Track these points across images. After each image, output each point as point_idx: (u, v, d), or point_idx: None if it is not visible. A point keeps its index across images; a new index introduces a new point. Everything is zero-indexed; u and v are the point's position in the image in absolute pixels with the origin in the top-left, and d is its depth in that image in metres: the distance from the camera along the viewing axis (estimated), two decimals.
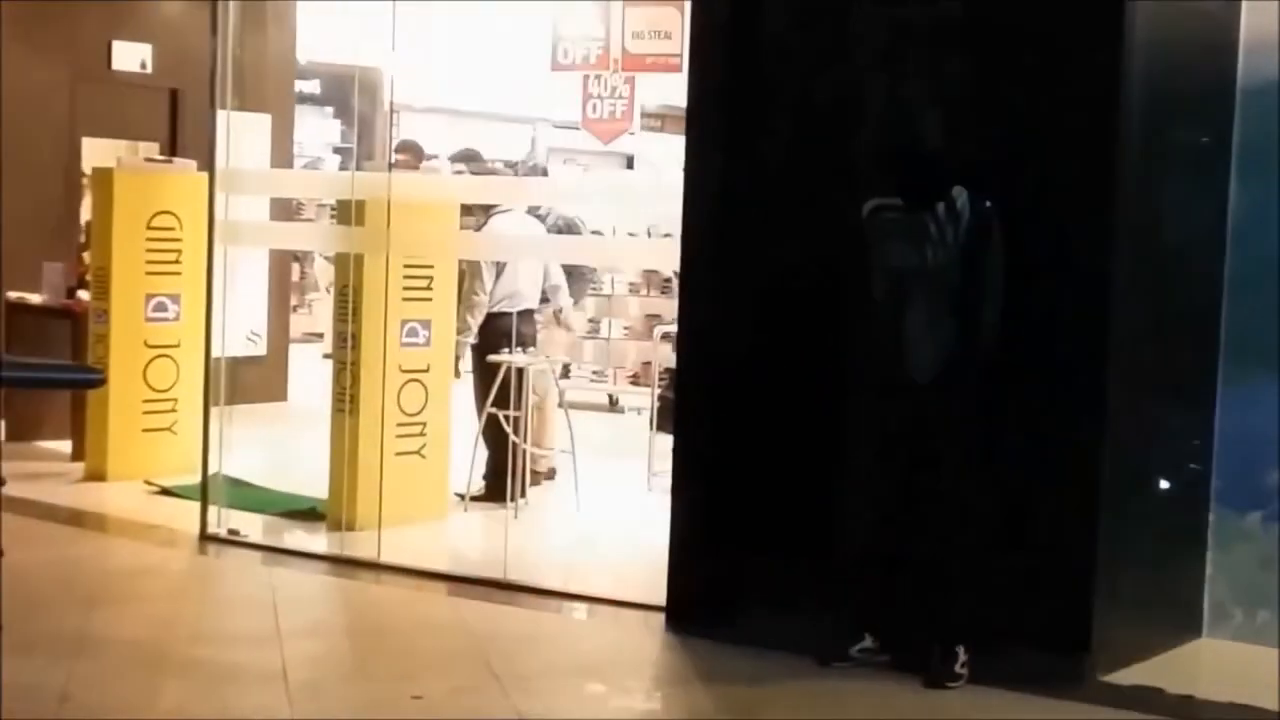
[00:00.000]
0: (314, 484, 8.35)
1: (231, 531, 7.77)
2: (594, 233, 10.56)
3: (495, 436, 8.67)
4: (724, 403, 6.41)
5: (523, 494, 8.61)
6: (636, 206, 9.89)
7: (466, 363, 9.03)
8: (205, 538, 7.72)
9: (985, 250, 5.65)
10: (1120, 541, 5.79)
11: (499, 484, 8.57)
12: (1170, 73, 6.02)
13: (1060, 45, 5.77)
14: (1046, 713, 5.45)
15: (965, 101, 5.86)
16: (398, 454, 7.96)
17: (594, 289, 12.34)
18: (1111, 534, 5.73)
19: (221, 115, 7.98)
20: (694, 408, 6.54)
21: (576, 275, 9.88)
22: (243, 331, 10.67)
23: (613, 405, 12.63)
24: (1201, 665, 6.14)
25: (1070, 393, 5.73)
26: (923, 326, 5.70)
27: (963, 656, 5.64)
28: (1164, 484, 6.19)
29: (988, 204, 5.67)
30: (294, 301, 14.09)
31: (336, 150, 16.73)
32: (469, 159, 10.02)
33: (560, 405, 9.25)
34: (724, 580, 6.34)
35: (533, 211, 9.38)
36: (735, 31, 6.37)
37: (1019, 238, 5.65)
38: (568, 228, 9.56)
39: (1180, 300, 6.24)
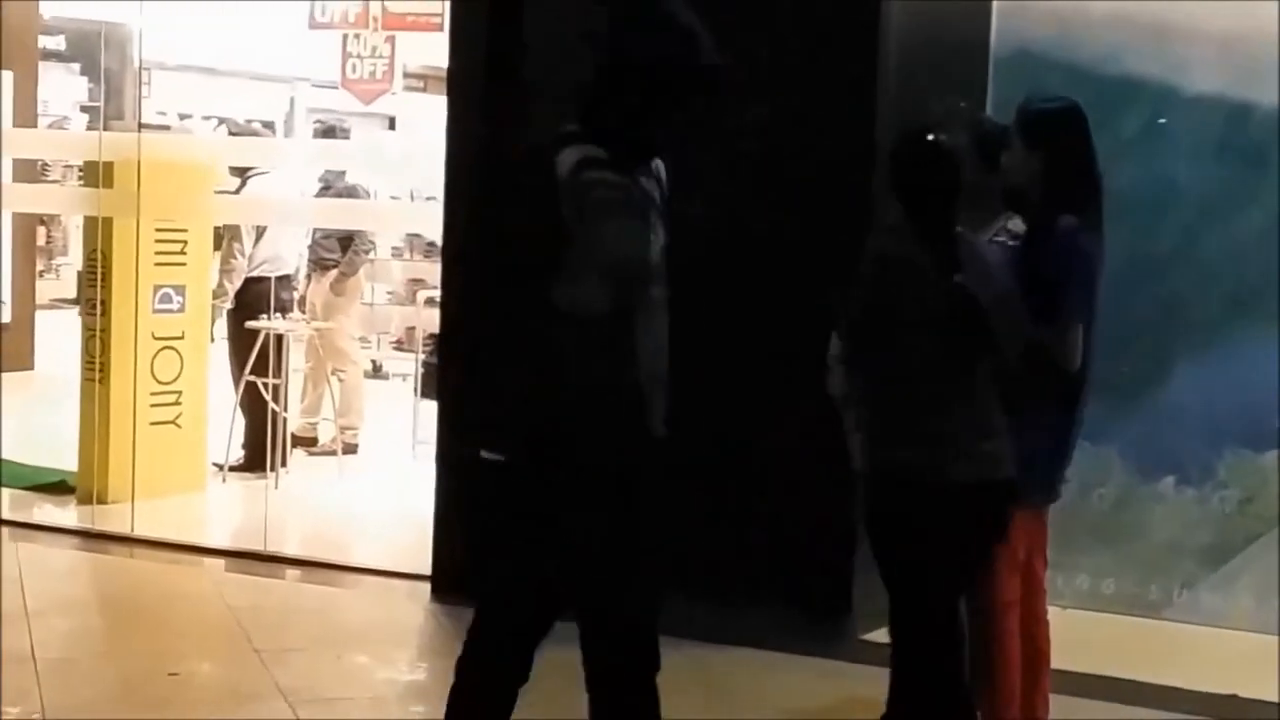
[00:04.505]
0: (63, 456, 8.06)
1: None
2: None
3: (253, 405, 8.47)
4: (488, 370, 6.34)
5: (283, 463, 8.45)
6: (398, 169, 9.74)
7: (221, 329, 8.79)
8: None
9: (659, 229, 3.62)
10: None
11: (258, 453, 8.39)
12: (926, 40, 6.11)
13: (819, 14, 5.82)
14: (810, 671, 5.53)
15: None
16: (152, 423, 7.75)
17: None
18: None
19: None
20: (458, 374, 6.46)
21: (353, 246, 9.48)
22: None
23: (376, 371, 12.46)
24: None
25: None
26: (663, 353, 3.55)
27: None
28: None
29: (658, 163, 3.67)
30: (40, 267, 13.78)
31: (84, 109, 16.18)
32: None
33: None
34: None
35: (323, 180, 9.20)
36: None
37: (780, 212, 5.66)
38: (348, 194, 9.35)
39: None
